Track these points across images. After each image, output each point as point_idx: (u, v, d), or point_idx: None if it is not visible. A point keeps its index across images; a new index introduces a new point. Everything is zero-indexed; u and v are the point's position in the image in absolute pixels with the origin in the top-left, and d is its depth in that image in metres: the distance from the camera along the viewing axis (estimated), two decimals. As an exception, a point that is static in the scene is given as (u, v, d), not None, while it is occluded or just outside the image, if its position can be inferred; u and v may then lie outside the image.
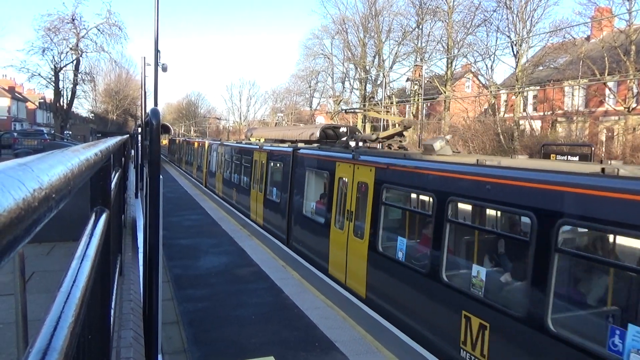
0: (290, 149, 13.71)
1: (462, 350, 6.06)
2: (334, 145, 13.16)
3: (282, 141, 18.78)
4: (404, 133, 11.62)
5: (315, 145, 14.33)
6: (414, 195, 8.60)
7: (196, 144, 34.07)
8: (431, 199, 7.25)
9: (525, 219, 5.80)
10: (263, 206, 15.43)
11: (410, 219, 8.97)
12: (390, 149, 11.35)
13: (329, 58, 62.13)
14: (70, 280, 1.14)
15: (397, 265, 7.81)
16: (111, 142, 3.00)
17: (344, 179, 10.06)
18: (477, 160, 6.88)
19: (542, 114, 37.91)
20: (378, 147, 12.08)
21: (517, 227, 6.76)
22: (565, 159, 8.12)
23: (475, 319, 5.89)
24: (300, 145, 14.75)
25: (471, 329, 5.93)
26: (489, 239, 7.20)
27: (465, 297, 6.16)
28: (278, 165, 14.53)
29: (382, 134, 12.27)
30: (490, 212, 7.25)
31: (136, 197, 15.42)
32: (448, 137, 9.67)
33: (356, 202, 9.40)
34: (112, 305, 2.76)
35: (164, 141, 58.30)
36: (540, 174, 5.55)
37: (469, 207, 7.22)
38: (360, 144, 11.86)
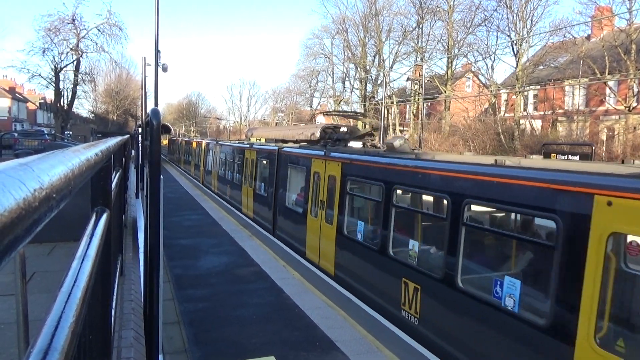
0: (275, 148, 15.06)
1: (402, 310, 7.53)
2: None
3: (283, 141, 18.88)
4: (374, 132, 13.18)
5: (298, 144, 15.52)
6: (369, 185, 9.59)
7: (194, 144, 35.23)
8: (381, 188, 8.63)
9: (444, 201, 6.99)
10: (252, 200, 16.87)
11: (367, 206, 10.02)
12: (366, 147, 12.55)
13: (329, 58, 62.19)
14: (71, 280, 1.14)
15: (357, 244, 9.30)
16: (112, 142, 3.00)
17: (318, 173, 11.42)
18: (416, 155, 8.77)
19: (542, 113, 37.90)
20: (367, 145, 13.21)
21: (440, 208, 7.83)
22: (566, 158, 8.15)
23: (411, 284, 7.41)
24: (286, 144, 16.12)
25: (408, 292, 7.43)
26: (422, 218, 8.53)
27: (405, 266, 7.68)
28: (265, 162, 15.88)
29: (361, 133, 13.66)
30: (423, 197, 8.63)
31: (137, 197, 15.42)
32: (407, 136, 11.79)
33: (327, 193, 10.80)
34: (113, 305, 2.76)
35: (164, 141, 58.33)
36: (452, 165, 7.14)
37: (408, 194, 8.81)
38: (361, 143, 12.87)
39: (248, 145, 18.92)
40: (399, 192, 8.38)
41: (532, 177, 5.57)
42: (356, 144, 13.49)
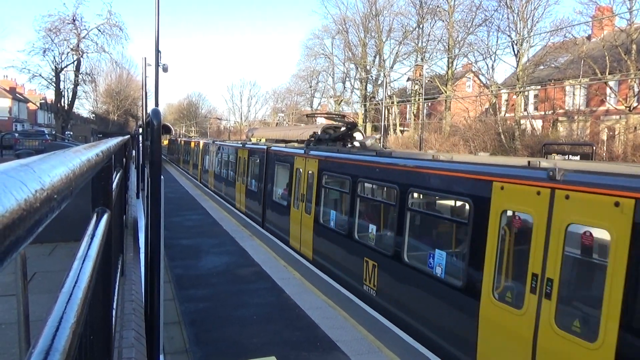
0: (264, 147, 16.57)
1: (364, 285, 8.82)
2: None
3: (284, 141, 18.96)
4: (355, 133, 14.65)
5: (284, 144, 17.01)
6: (340, 179, 10.80)
7: (192, 144, 36.61)
8: (348, 181, 9.98)
9: (394, 190, 8.34)
10: (245, 196, 18.28)
11: (338, 197, 11.16)
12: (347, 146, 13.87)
13: (329, 58, 62.22)
14: (72, 281, 1.14)
15: (330, 231, 10.61)
16: (112, 142, 3.00)
17: (299, 169, 12.82)
18: (376, 152, 10.20)
19: (543, 113, 37.87)
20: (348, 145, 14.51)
21: (391, 196, 8.87)
22: (567, 158, 8.18)
23: (370, 262, 8.69)
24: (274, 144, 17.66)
25: (368, 269, 8.73)
26: (378, 206, 10.01)
27: (366, 248, 8.99)
28: (255, 160, 17.24)
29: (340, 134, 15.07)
30: (379, 188, 9.85)
31: (137, 197, 15.43)
32: (377, 136, 13.67)
33: (307, 186, 12.15)
34: (114, 306, 2.76)
35: (164, 141, 58.45)
36: (400, 160, 8.59)
37: (369, 185, 10.05)
38: (351, 143, 14.04)
39: (240, 145, 20.35)
40: (362, 184, 9.79)
41: (455, 169, 7.02)
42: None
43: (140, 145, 21.08)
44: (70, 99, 48.68)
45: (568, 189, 5.14)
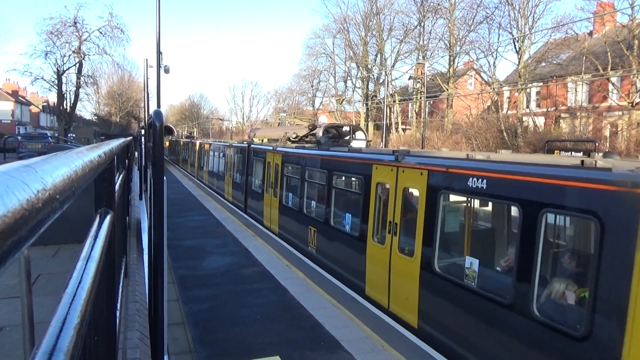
0: (246, 145, 19.75)
1: (309, 246, 11.59)
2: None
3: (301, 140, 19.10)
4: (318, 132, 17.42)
5: (261, 142, 20.13)
6: (295, 168, 13.44)
7: (190, 144, 39.98)
8: (299, 169, 12.87)
9: (325, 174, 11.23)
10: (231, 187, 21.37)
11: (294, 183, 13.57)
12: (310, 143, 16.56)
13: (330, 57, 62.16)
14: (75, 282, 1.15)
15: (289, 209, 13.49)
16: (115, 143, 3.00)
17: (269, 162, 15.66)
18: (318, 147, 13.26)
19: (545, 110, 37.78)
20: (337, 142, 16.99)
21: (323, 178, 11.41)
22: (569, 155, 8.15)
23: (312, 228, 11.55)
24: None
25: (311, 234, 11.54)
26: (317, 186, 12.24)
27: (310, 219, 11.84)
28: (239, 157, 20.24)
29: (303, 133, 18.18)
30: (317, 173, 12.01)
31: (140, 199, 15.45)
32: (330, 135, 16.55)
33: (274, 176, 14.95)
34: (118, 307, 2.77)
35: (166, 142, 58.62)
36: (327, 152, 11.63)
37: (311, 171, 12.26)
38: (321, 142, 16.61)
39: (228, 144, 24.03)
40: (307, 171, 12.54)
41: (356, 157, 10.04)
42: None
43: (143, 146, 21.10)
44: (72, 102, 48.80)
45: (404, 166, 8.13)
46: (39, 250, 7.50)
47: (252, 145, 18.95)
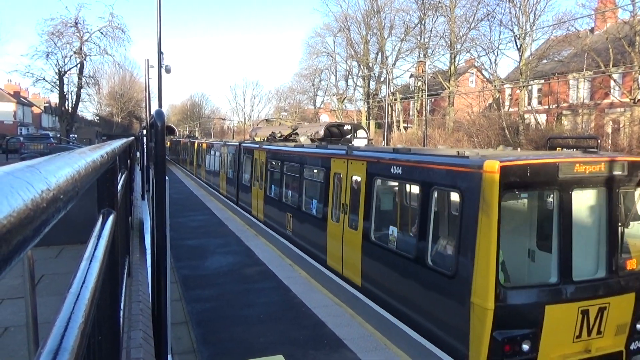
0: (237, 143, 22.24)
1: (287, 230, 13.51)
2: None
3: (311, 140, 19.25)
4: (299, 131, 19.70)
5: (258, 141, 21.25)
6: (277, 163, 15.27)
7: (189, 144, 42.59)
8: (280, 163, 14.84)
9: (297, 166, 13.28)
10: (226, 183, 23.72)
11: (276, 176, 15.44)
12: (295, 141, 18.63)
13: (331, 56, 62.14)
14: (79, 282, 1.15)
15: (272, 199, 15.40)
16: (117, 144, 3.01)
17: (257, 158, 17.72)
18: (294, 145, 15.83)
19: (547, 107, 37.72)
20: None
21: (296, 171, 13.37)
22: (572, 151, 8.12)
23: (289, 214, 13.51)
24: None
25: (288, 219, 13.50)
26: (293, 177, 13.89)
27: (287, 206, 13.84)
28: (232, 154, 22.42)
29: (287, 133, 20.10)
30: (294, 166, 13.73)
31: (143, 199, 15.47)
32: (309, 134, 18.26)
33: (260, 171, 17.06)
34: (122, 306, 2.78)
35: (167, 142, 58.91)
36: (300, 148, 14.00)
37: (289, 165, 14.16)
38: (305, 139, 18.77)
39: (222, 143, 26.61)
40: (285, 165, 14.42)
41: (319, 152, 12.19)
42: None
43: (145, 146, 21.12)
44: (74, 102, 48.86)
45: (352, 159, 10.10)
46: (43, 250, 7.52)
47: (242, 144, 21.26)
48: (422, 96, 46.05)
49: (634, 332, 6.95)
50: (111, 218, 2.16)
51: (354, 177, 9.93)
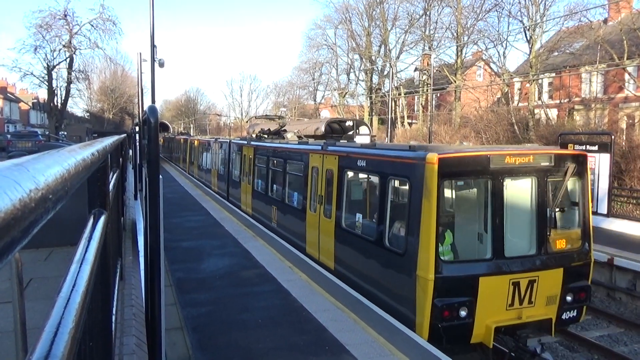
0: (227, 140, 24.32)
1: (272, 222, 15.11)
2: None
3: (298, 137, 19.34)
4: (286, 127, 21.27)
5: (249, 137, 22.87)
6: (263, 159, 16.86)
7: (181, 140, 44.43)
8: (267, 159, 16.39)
9: (281, 161, 14.94)
10: (217, 179, 25.61)
11: (263, 171, 16.90)
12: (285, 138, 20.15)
13: (332, 49, 62.07)
14: (69, 285, 1.15)
15: (259, 194, 17.04)
16: (108, 141, 3.01)
17: (245, 154, 19.36)
18: (279, 141, 17.52)
19: (558, 102, 37.68)
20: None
21: (281, 166, 14.91)
22: (584, 148, 8.21)
23: (274, 207, 15.11)
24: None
25: (274, 212, 15.07)
26: (278, 172, 15.33)
27: (273, 199, 15.41)
28: (224, 151, 23.92)
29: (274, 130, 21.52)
30: (278, 161, 15.30)
31: (135, 198, 15.49)
32: (295, 131, 19.77)
33: (248, 166, 18.65)
34: (114, 311, 2.78)
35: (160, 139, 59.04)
36: (301, 145, 14.16)
37: (274, 160, 15.77)
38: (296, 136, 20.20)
39: (214, 140, 28.18)
40: (271, 160, 15.97)
41: (299, 148, 13.88)
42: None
43: (137, 144, 21.14)
44: (63, 98, 48.85)
45: (327, 153, 11.60)
46: (31, 253, 7.53)
47: (232, 141, 23.03)
48: (427, 91, 46.02)
49: (564, 303, 8.27)
50: (102, 219, 2.16)
51: (328, 170, 11.45)
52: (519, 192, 8.60)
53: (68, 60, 46.21)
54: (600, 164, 17.01)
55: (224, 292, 9.47)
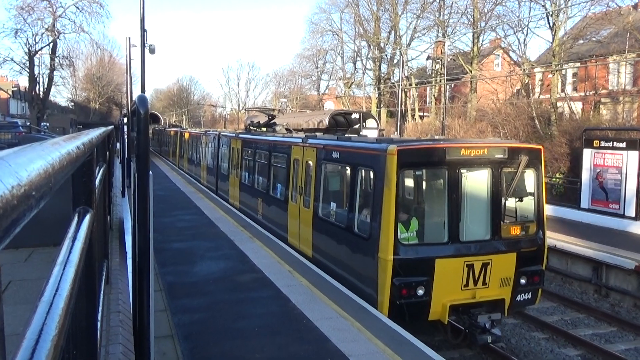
0: (216, 132, 26.01)
1: (258, 214, 16.72)
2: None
3: (287, 130, 19.32)
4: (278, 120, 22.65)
5: (242, 130, 26.23)
6: (251, 151, 18.29)
7: (172, 133, 45.48)
8: (253, 151, 17.94)
9: (267, 154, 16.45)
10: (206, 173, 27.18)
11: (250, 164, 18.44)
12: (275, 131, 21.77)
13: (338, 35, 61.95)
14: (52, 289, 1.16)
15: (246, 186, 18.67)
16: (94, 133, 3.02)
17: (233, 147, 20.93)
18: (268, 134, 19.47)
19: (583, 94, 37.58)
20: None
21: (266, 158, 16.54)
22: (611, 145, 8.38)
23: (260, 199, 16.78)
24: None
25: (259, 203, 16.72)
26: (263, 164, 16.87)
27: (259, 191, 16.99)
28: (213, 144, 25.37)
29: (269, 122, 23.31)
30: (265, 154, 16.66)
31: (123, 195, 15.52)
32: (285, 123, 20.90)
33: (236, 159, 20.16)
34: (99, 317, 2.79)
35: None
36: (285, 138, 16.06)
37: (261, 152, 17.27)
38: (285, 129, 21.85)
39: (203, 132, 30.01)
40: (257, 153, 17.46)
41: (281, 140, 15.66)
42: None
43: (125, 136, 21.19)
44: (46, 86, 48.99)
45: (306, 146, 12.98)
46: (10, 253, 7.56)
47: (221, 133, 24.85)
48: (440, 81, 45.94)
49: (518, 285, 9.64)
50: (88, 217, 2.17)
51: (308, 162, 12.89)
52: (475, 182, 10.09)
53: (51, 45, 46.31)
54: (628, 162, 16.96)
55: (218, 297, 9.49)
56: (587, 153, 18.97)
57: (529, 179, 10.18)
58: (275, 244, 13.09)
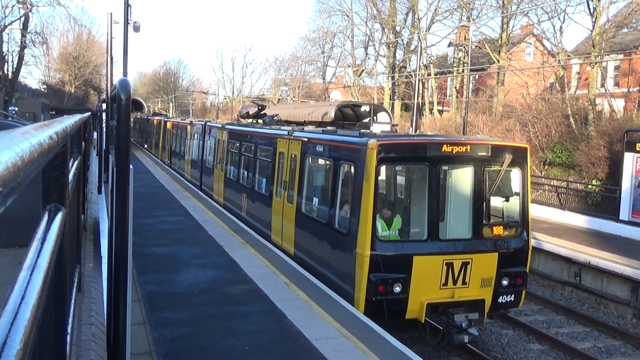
0: (203, 122, 26.68)
1: (242, 210, 18.11)
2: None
3: (287, 122, 19.40)
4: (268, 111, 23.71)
5: (225, 122, 27.09)
6: (237, 143, 19.47)
7: (155, 121, 47.63)
8: (240, 143, 19.06)
9: (253, 147, 17.80)
10: (190, 167, 28.65)
11: (236, 157, 19.54)
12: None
13: (348, 15, 61.97)
14: (17, 297, 1.16)
15: (231, 181, 19.75)
16: (69, 121, 3.03)
17: (219, 139, 22.17)
18: (259, 127, 20.51)
19: (626, 90, 37.51)
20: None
21: (252, 151, 17.56)
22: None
23: (244, 194, 18.19)
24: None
25: (243, 199, 18.14)
26: (248, 158, 18.13)
27: (243, 186, 18.54)
28: (198, 135, 26.76)
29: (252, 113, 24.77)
30: (252, 147, 17.88)
31: (99, 192, 15.56)
32: (278, 113, 22.10)
33: (222, 152, 21.40)
34: (69, 330, 2.80)
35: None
36: (270, 130, 17.47)
37: (246, 145, 18.46)
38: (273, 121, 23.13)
39: (189, 122, 31.46)
40: (243, 146, 18.66)
41: (267, 133, 17.08)
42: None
43: (104, 125, 21.25)
44: (15, 65, 49.17)
45: (292, 139, 14.12)
46: (-30, 255, 7.58)
47: (207, 123, 25.86)
48: (463, 71, 45.89)
49: (500, 286, 10.39)
50: (59, 216, 2.17)
51: (293, 156, 13.87)
52: (458, 179, 11.09)
53: (22, 19, 46.44)
54: (675, 169, 16.91)
55: (205, 311, 9.50)
56: (628, 157, 18.91)
57: (515, 178, 11.03)
58: (270, 251, 13.11)
